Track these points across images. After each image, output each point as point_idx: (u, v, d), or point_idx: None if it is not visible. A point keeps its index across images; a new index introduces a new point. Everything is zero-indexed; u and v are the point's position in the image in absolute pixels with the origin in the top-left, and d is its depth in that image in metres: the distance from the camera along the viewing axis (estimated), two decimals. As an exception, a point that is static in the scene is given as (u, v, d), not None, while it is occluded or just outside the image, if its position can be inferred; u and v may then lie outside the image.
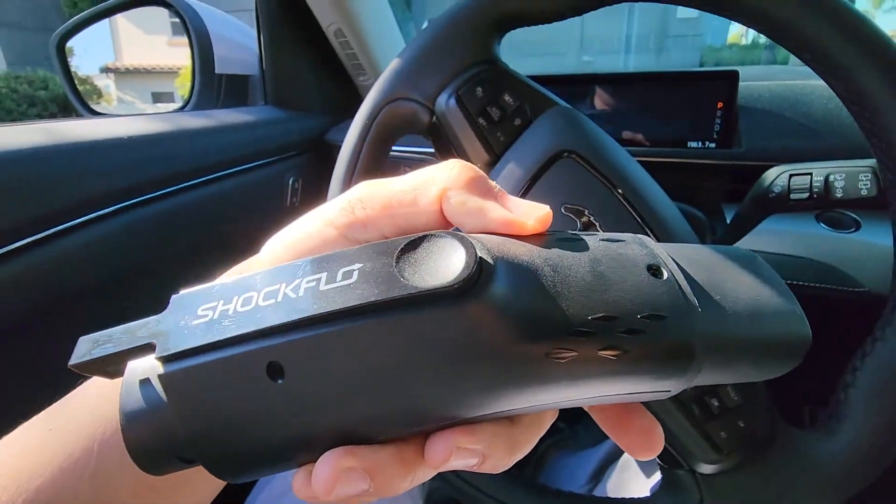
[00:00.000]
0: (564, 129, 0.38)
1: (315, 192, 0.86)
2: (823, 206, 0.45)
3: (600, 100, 0.69)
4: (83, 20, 0.79)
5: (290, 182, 0.79)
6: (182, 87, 0.81)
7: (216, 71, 0.84)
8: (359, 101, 0.93)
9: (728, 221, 0.62)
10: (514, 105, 0.40)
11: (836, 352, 0.48)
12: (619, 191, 0.36)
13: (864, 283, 0.56)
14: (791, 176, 0.46)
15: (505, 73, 0.41)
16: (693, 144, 0.65)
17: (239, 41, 0.89)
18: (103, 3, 0.79)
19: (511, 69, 0.42)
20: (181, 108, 0.84)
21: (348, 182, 0.42)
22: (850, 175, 0.43)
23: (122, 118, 0.59)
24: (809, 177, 0.45)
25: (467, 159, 0.41)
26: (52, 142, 0.46)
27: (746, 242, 0.55)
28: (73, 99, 0.82)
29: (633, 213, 0.36)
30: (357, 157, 0.42)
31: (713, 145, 0.64)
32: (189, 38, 0.80)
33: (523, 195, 0.37)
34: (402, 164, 0.74)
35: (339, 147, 0.86)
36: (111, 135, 0.52)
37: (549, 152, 0.37)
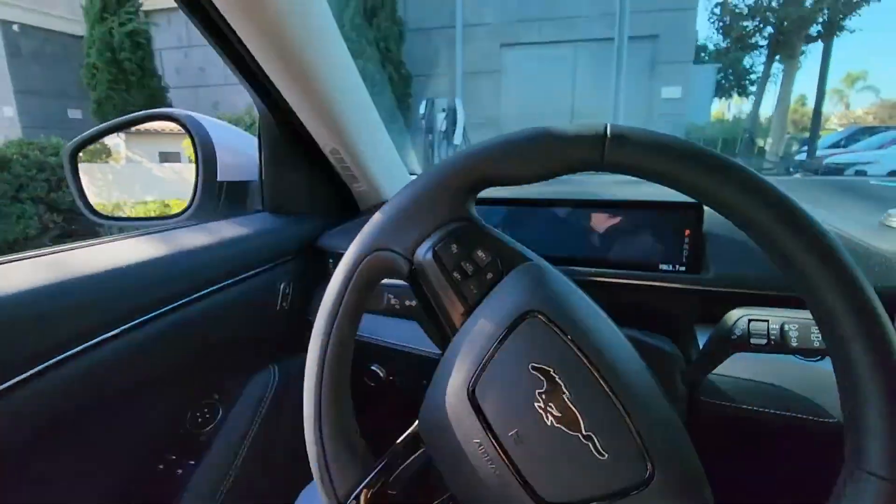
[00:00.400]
0: (531, 288, 0.41)
1: (305, 295, 0.89)
2: (782, 352, 0.47)
3: (574, 221, 0.74)
4: (94, 134, 0.85)
5: (282, 287, 0.82)
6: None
7: (218, 179, 0.89)
8: (353, 204, 0.99)
9: (701, 346, 0.65)
10: (486, 260, 0.43)
11: (810, 483, 0.48)
12: (582, 350, 0.38)
13: (834, 414, 0.57)
14: (750, 321, 0.49)
15: (478, 230, 0.45)
16: (664, 267, 0.68)
17: (241, 149, 0.95)
18: (114, 120, 0.85)
19: (485, 226, 0.46)
20: (184, 211, 0.89)
21: (331, 325, 0.45)
22: (803, 327, 0.46)
23: (123, 241, 0.63)
24: (767, 323, 0.47)
25: (444, 307, 0.44)
26: (51, 279, 0.49)
27: (717, 368, 0.57)
28: (80, 206, 0.86)
29: (594, 373, 0.38)
30: (341, 300, 0.44)
31: (683, 268, 0.68)
32: (195, 149, 0.86)
33: (494, 351, 0.40)
34: (386, 292, 0.78)
35: (331, 253, 0.89)
36: (109, 265, 0.55)
37: (517, 311, 0.40)
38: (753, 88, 12.33)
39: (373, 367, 0.86)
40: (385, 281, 0.78)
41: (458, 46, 6.86)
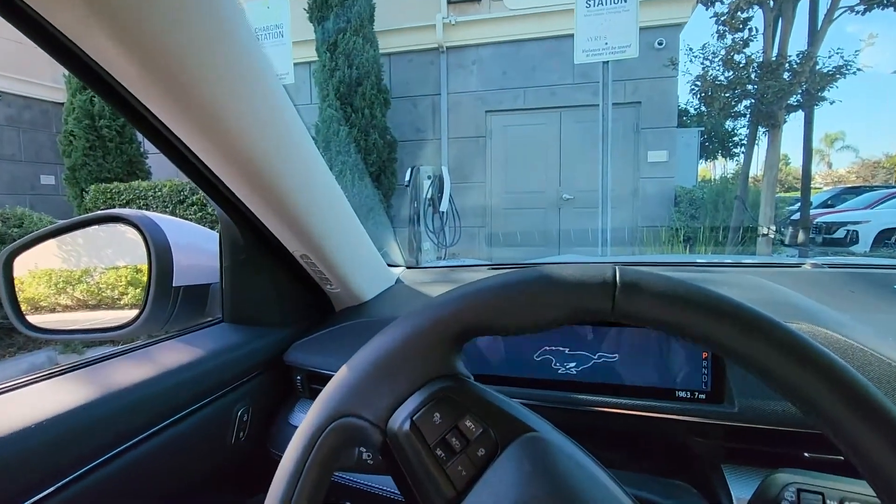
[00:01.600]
0: (533, 473, 0.32)
1: (266, 422, 0.77)
2: None
3: (576, 339, 0.64)
4: (34, 239, 0.77)
5: (239, 414, 0.70)
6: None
7: (174, 284, 0.80)
8: (326, 305, 0.89)
9: (732, 491, 0.53)
10: (476, 431, 0.34)
11: None
12: None
13: None
14: (800, 491, 0.39)
15: (466, 391, 0.36)
16: (682, 395, 0.58)
17: (202, 248, 0.87)
18: (57, 224, 0.77)
19: (474, 385, 0.37)
20: (131, 323, 0.79)
21: None
22: None
23: (48, 381, 0.54)
24: (822, 498, 0.38)
25: (424, 490, 0.35)
26: None
27: None
28: (12, 318, 0.76)
29: None
30: (297, 479, 0.34)
31: (703, 396, 0.58)
32: (148, 254, 0.78)
33: None
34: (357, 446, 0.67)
35: (298, 370, 0.78)
36: (50, 412, 0.47)
37: None
38: (737, 150, 12.75)
39: None
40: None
41: (443, 113, 6.92)
